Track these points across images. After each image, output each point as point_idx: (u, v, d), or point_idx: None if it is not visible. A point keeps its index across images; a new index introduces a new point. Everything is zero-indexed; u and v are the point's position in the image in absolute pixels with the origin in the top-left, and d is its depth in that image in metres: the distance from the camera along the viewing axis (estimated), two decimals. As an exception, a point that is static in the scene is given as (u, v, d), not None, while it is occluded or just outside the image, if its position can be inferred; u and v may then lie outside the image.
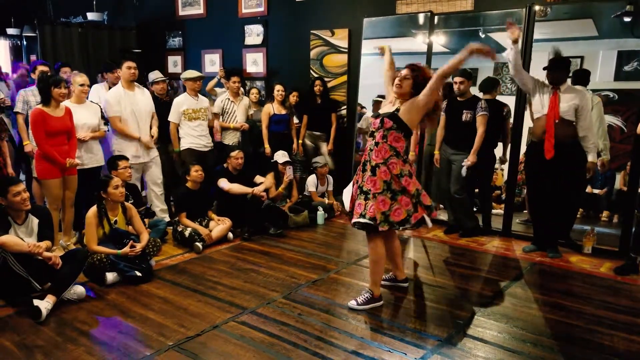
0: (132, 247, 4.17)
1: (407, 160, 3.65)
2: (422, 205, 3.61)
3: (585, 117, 4.61)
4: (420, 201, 3.60)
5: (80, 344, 3.16)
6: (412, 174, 3.61)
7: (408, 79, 3.50)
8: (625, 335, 3.36)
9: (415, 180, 3.62)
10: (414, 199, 3.56)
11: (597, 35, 5.75)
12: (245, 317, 3.53)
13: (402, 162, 3.56)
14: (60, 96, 4.57)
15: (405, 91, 3.53)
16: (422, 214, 3.61)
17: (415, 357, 3.06)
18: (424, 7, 6.27)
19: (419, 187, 3.62)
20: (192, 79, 5.87)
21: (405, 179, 3.53)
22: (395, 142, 3.54)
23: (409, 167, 3.62)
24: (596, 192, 6.11)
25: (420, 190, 3.63)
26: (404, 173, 3.54)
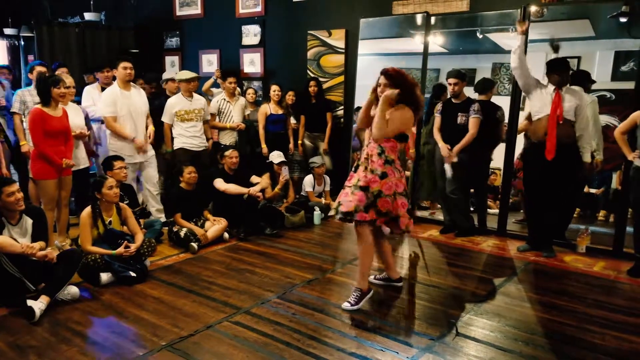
0: (126, 248, 4.17)
1: (392, 161, 3.62)
2: (378, 210, 3.57)
3: (583, 117, 4.64)
4: (375, 204, 3.56)
5: (74, 344, 3.17)
6: (388, 175, 3.57)
7: (387, 86, 3.53)
8: (617, 334, 3.37)
9: (390, 183, 3.57)
10: (369, 199, 3.55)
11: (594, 36, 5.76)
12: (239, 317, 3.54)
13: (383, 162, 3.58)
14: (60, 96, 4.58)
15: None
16: (371, 217, 3.58)
17: (407, 356, 3.07)
18: (420, 8, 6.28)
19: (385, 190, 3.56)
20: (185, 80, 5.86)
21: (373, 177, 3.56)
22: (385, 142, 3.60)
23: (391, 168, 3.60)
24: (593, 192, 6.12)
25: (386, 195, 3.56)
26: (375, 172, 3.56)
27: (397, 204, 3.60)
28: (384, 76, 3.55)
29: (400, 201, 3.63)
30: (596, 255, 4.92)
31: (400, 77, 3.54)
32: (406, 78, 3.56)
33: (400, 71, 3.58)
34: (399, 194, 3.62)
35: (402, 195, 3.65)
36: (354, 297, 3.71)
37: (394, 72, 3.55)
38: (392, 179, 3.58)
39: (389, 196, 3.56)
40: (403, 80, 3.53)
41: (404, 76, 3.56)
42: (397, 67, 3.61)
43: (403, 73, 3.58)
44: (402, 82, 3.52)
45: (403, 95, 3.52)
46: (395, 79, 3.52)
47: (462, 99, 5.38)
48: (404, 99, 3.53)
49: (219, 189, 5.48)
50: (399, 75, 3.54)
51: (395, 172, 3.62)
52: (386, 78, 3.54)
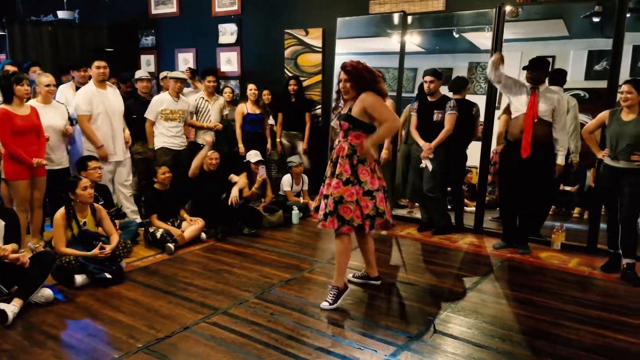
0: (101, 249, 4.11)
1: (364, 160, 3.61)
2: (339, 216, 3.57)
3: (560, 119, 4.67)
4: (337, 211, 3.57)
5: (48, 348, 3.11)
6: (352, 183, 3.56)
7: (348, 81, 3.53)
8: (592, 329, 3.42)
9: (352, 190, 3.56)
10: (332, 205, 3.57)
11: (567, 35, 5.85)
12: (216, 318, 3.51)
13: (351, 164, 3.57)
14: (25, 93, 4.49)
15: (352, 93, 3.57)
16: (331, 225, 3.59)
17: (385, 354, 3.08)
18: (396, 7, 6.31)
19: (347, 197, 3.56)
20: (175, 78, 5.83)
21: (336, 182, 3.58)
22: (356, 139, 3.59)
23: (363, 168, 3.59)
24: (568, 189, 6.21)
25: (347, 202, 3.56)
26: (340, 177, 3.58)
27: (368, 204, 3.61)
28: (343, 71, 3.55)
29: (379, 197, 3.65)
30: (571, 252, 4.99)
31: (358, 70, 3.52)
32: (364, 71, 3.53)
33: (358, 64, 3.54)
34: (376, 190, 3.63)
35: (379, 190, 3.66)
36: (331, 296, 3.71)
37: (351, 66, 3.52)
38: (353, 188, 3.57)
39: (350, 203, 3.55)
40: (361, 73, 3.51)
41: (362, 69, 3.53)
42: (358, 61, 3.57)
43: (361, 66, 3.55)
44: (360, 75, 3.51)
45: (362, 86, 3.51)
46: (353, 73, 3.51)
47: (437, 97, 5.41)
48: (363, 89, 3.52)
49: (190, 175, 5.50)
50: (356, 69, 3.52)
51: (368, 172, 3.61)
52: (345, 73, 3.53)
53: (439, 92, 5.42)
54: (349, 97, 3.60)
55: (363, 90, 3.52)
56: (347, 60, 3.59)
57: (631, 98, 4.13)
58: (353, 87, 3.54)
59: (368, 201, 3.60)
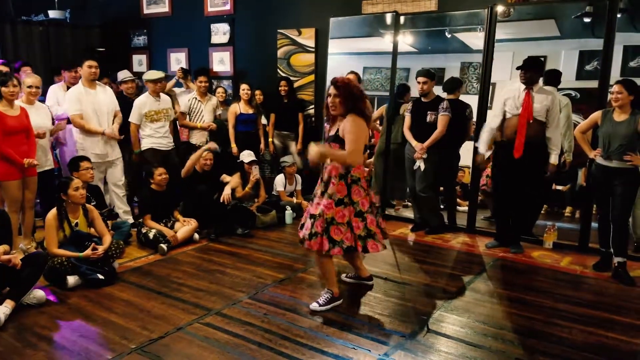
0: (94, 250, 4.10)
1: (357, 180, 3.57)
2: (330, 237, 3.53)
3: (553, 119, 4.69)
4: (328, 232, 3.53)
5: (40, 349, 3.10)
6: (345, 204, 3.53)
7: (337, 97, 3.48)
8: (583, 327, 3.44)
9: (343, 212, 3.53)
10: (322, 225, 3.52)
11: (559, 36, 5.87)
12: (210, 319, 3.51)
13: (345, 183, 3.53)
14: (10, 95, 4.46)
15: (339, 110, 3.52)
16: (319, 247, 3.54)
17: (379, 353, 3.08)
18: (389, 7, 6.32)
19: (338, 218, 3.52)
20: (152, 80, 5.75)
21: (328, 203, 3.53)
22: None
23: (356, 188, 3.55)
24: (560, 189, 6.24)
25: (338, 223, 3.52)
26: (332, 197, 3.53)
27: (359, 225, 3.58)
28: (333, 86, 3.51)
29: (369, 218, 3.62)
30: (563, 251, 5.01)
31: (348, 88, 3.48)
32: (354, 89, 3.51)
33: (349, 82, 3.53)
34: (366, 211, 3.60)
35: (369, 212, 3.63)
36: (323, 298, 3.69)
37: (342, 83, 3.49)
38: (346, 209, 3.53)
39: (342, 224, 3.52)
40: (351, 91, 3.48)
41: (352, 87, 3.51)
42: (348, 77, 3.58)
43: (351, 84, 3.53)
44: (350, 93, 3.48)
45: (351, 103, 3.48)
46: (343, 90, 3.47)
47: (431, 98, 5.42)
48: (351, 107, 3.49)
49: (182, 175, 5.48)
50: (346, 86, 3.48)
51: (361, 191, 3.58)
52: (335, 88, 3.49)
53: (432, 93, 5.43)
54: (336, 113, 3.54)
55: (351, 108, 3.48)
56: (338, 76, 3.57)
57: (622, 98, 4.15)
58: (342, 103, 3.48)
59: (359, 222, 3.57)
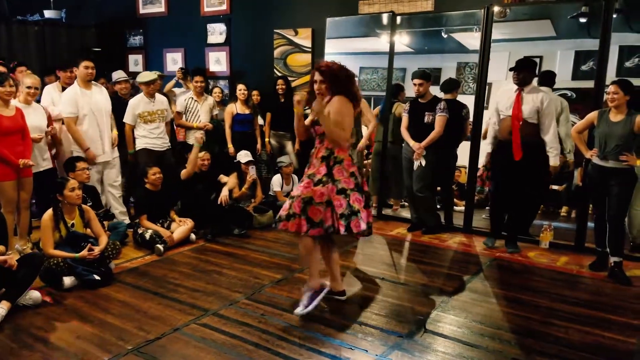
0: (90, 250, 4.08)
1: (340, 161, 3.47)
2: (308, 218, 3.41)
3: (545, 120, 4.69)
4: (306, 213, 3.41)
5: (37, 350, 3.09)
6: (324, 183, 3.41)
7: (323, 82, 3.42)
8: (580, 327, 3.45)
9: (322, 190, 3.40)
10: (299, 206, 3.42)
11: (555, 36, 5.89)
12: (207, 319, 3.50)
13: (327, 165, 3.46)
14: (6, 95, 4.44)
15: (326, 94, 3.47)
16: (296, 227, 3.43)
17: (376, 353, 3.08)
18: (385, 8, 6.32)
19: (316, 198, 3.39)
20: (145, 82, 5.72)
21: (306, 182, 3.46)
22: (332, 143, 3.48)
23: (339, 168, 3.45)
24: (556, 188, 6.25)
25: (317, 203, 3.40)
26: (311, 177, 3.46)
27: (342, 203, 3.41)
28: (317, 72, 3.44)
29: (354, 196, 3.45)
30: (559, 251, 5.03)
31: (333, 71, 3.42)
32: (339, 71, 3.43)
33: (333, 65, 3.44)
34: (351, 189, 3.44)
35: (355, 190, 3.47)
36: (306, 299, 3.54)
37: (326, 67, 3.43)
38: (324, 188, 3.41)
39: (320, 204, 3.39)
40: (336, 74, 3.42)
41: (337, 69, 3.43)
42: (332, 61, 3.48)
43: (336, 66, 3.44)
44: (336, 75, 3.41)
45: (338, 87, 3.43)
46: (327, 74, 3.41)
47: (428, 98, 5.42)
48: (338, 90, 3.43)
49: (182, 177, 5.46)
50: (330, 69, 3.42)
51: (344, 172, 3.45)
52: (320, 74, 3.42)
53: (429, 94, 5.43)
54: (324, 98, 3.48)
55: (338, 92, 3.43)
56: (322, 61, 3.53)
57: (617, 98, 4.16)
58: (328, 88, 3.43)
59: (342, 199, 3.41)
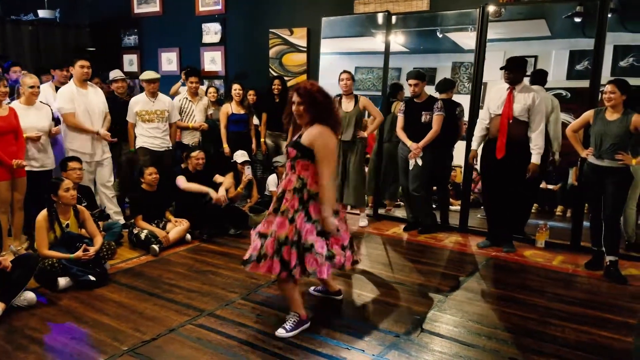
0: (85, 251, 4.06)
1: (314, 195, 3.22)
2: (282, 260, 3.18)
3: (535, 119, 4.69)
4: (280, 254, 3.18)
5: (31, 352, 3.07)
6: (295, 218, 3.19)
7: (301, 104, 3.21)
8: (576, 326, 3.46)
9: (301, 225, 3.18)
10: (272, 246, 3.20)
11: (549, 35, 5.90)
12: (202, 320, 3.49)
13: (299, 200, 3.21)
14: (0, 96, 4.43)
15: (305, 117, 3.24)
16: (267, 270, 3.22)
17: (373, 353, 3.08)
18: (381, 7, 6.32)
19: (291, 237, 3.18)
20: (146, 80, 5.75)
21: (280, 220, 3.22)
22: (304, 170, 3.24)
23: (314, 205, 3.21)
24: (550, 188, 6.27)
25: (290, 242, 3.17)
26: (285, 213, 3.22)
27: (322, 245, 3.20)
28: (296, 93, 3.23)
29: (334, 238, 3.32)
30: (555, 250, 5.04)
31: (312, 93, 3.20)
32: (317, 93, 3.21)
33: (312, 87, 3.23)
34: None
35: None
36: (290, 323, 3.32)
37: (305, 89, 3.21)
38: (307, 225, 3.18)
39: (294, 244, 3.17)
40: (314, 96, 3.20)
41: (315, 91, 3.21)
42: (312, 82, 3.34)
43: (315, 88, 3.23)
44: (314, 98, 3.19)
45: (316, 111, 3.20)
46: (305, 96, 3.20)
47: (423, 98, 5.42)
48: (319, 116, 3.21)
49: (181, 187, 5.40)
50: (309, 92, 3.20)
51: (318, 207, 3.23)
52: (298, 95, 3.22)
53: (424, 93, 5.43)
54: (302, 122, 3.27)
55: (317, 117, 3.20)
56: (302, 82, 3.32)
57: (614, 98, 4.17)
58: (307, 110, 3.21)
59: (323, 242, 3.21)
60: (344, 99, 5.69)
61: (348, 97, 5.67)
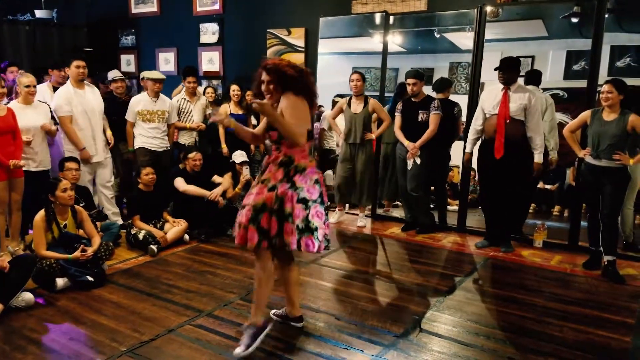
0: (83, 251, 4.05)
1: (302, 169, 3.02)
2: (260, 228, 2.98)
3: (533, 118, 4.70)
4: (258, 222, 2.99)
5: (29, 353, 3.06)
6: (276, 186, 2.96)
7: (271, 82, 3.00)
8: (574, 325, 3.46)
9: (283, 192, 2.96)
10: (249, 215, 3.00)
11: (546, 36, 5.92)
12: (201, 320, 3.49)
13: (284, 173, 2.99)
14: None
15: (276, 95, 3.03)
16: (241, 239, 3.06)
17: (372, 353, 3.08)
18: (379, 7, 6.33)
19: (269, 204, 2.96)
20: (152, 79, 5.74)
21: (259, 187, 3.02)
22: (289, 149, 3.02)
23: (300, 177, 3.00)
24: (548, 188, 6.29)
25: (269, 209, 2.96)
26: (266, 182, 3.01)
27: (300, 214, 2.98)
28: (264, 71, 3.03)
29: (315, 210, 3.05)
30: (552, 250, 5.05)
31: (281, 68, 2.98)
32: (287, 69, 2.99)
33: (281, 61, 3.04)
34: (313, 201, 3.04)
35: (317, 202, 3.07)
36: (247, 338, 3.04)
37: (273, 64, 3.00)
38: (288, 191, 2.96)
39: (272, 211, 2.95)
40: (284, 72, 2.98)
41: (284, 67, 3.00)
42: (280, 58, 3.15)
43: (283, 63, 3.02)
44: (283, 74, 2.98)
45: (290, 83, 2.98)
46: (274, 72, 2.99)
47: (421, 98, 5.43)
48: (289, 87, 2.99)
49: (179, 189, 5.39)
50: (277, 67, 2.99)
51: (307, 179, 3.03)
52: (267, 73, 3.01)
53: (422, 93, 5.44)
54: (273, 100, 3.05)
55: (288, 90, 3.00)
56: (269, 58, 3.08)
57: (612, 98, 4.18)
58: (277, 88, 3.01)
59: (301, 210, 2.97)
60: (353, 99, 5.69)
61: (358, 98, 5.67)
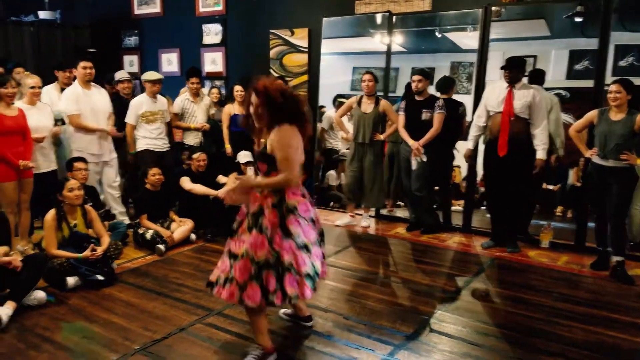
0: (93, 251, 4.07)
1: (293, 209, 2.84)
2: (262, 286, 2.80)
3: (537, 115, 4.72)
4: (259, 276, 2.81)
5: (44, 351, 3.08)
6: (273, 237, 2.79)
7: (259, 106, 2.83)
8: (583, 326, 3.48)
9: (279, 243, 2.79)
10: (250, 270, 2.81)
11: (549, 35, 5.93)
12: (212, 319, 3.50)
13: (279, 215, 2.81)
14: (8, 96, 4.43)
15: (264, 120, 2.87)
16: (230, 296, 2.88)
17: (383, 353, 3.09)
18: (382, 7, 6.33)
19: (270, 257, 2.79)
20: (150, 81, 5.74)
21: (260, 239, 2.82)
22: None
23: (294, 218, 2.83)
24: (550, 188, 6.30)
25: (270, 264, 2.79)
26: (265, 231, 2.81)
27: (305, 261, 2.83)
28: (254, 93, 2.85)
29: (316, 251, 2.94)
30: (559, 250, 5.06)
31: (270, 92, 2.79)
32: (275, 93, 2.80)
33: (271, 85, 2.83)
34: (312, 243, 2.90)
35: (316, 244, 2.95)
36: (253, 356, 2.94)
37: (263, 87, 2.81)
38: (284, 242, 2.79)
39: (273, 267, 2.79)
40: (273, 96, 2.79)
41: (272, 91, 2.80)
42: (271, 80, 2.88)
43: (271, 87, 2.81)
44: (272, 99, 2.79)
45: (277, 113, 2.81)
46: (263, 95, 2.80)
47: (425, 96, 5.45)
48: (280, 117, 2.82)
49: (185, 188, 5.41)
50: (266, 91, 2.80)
51: (301, 220, 2.86)
52: (256, 95, 2.83)
53: (426, 92, 5.46)
54: (262, 125, 2.89)
55: (279, 119, 2.82)
56: (260, 80, 2.85)
57: (620, 97, 4.19)
58: (265, 113, 2.83)
59: (305, 257, 2.83)
60: (364, 99, 5.69)
61: (369, 98, 5.67)
